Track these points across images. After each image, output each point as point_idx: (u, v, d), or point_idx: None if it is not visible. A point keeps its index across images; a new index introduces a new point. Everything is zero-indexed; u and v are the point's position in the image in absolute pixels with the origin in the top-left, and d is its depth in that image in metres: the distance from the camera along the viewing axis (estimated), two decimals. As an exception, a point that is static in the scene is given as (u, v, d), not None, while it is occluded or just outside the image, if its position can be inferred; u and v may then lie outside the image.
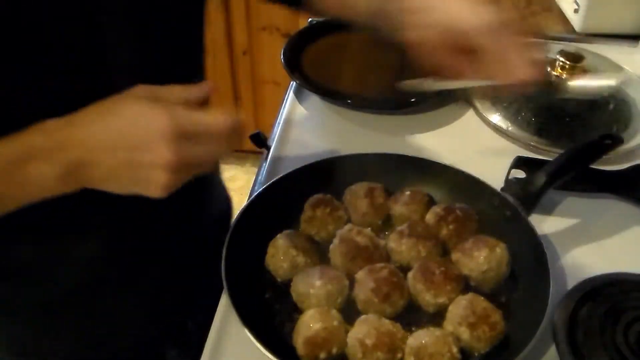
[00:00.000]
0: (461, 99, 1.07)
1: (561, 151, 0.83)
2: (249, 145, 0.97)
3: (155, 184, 0.53)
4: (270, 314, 0.70)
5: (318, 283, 0.69)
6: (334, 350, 0.64)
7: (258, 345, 0.62)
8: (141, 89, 0.55)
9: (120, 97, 0.55)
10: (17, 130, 0.54)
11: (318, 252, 0.76)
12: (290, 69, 1.08)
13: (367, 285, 0.69)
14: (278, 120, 1.04)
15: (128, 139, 0.53)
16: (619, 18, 1.23)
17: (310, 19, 1.26)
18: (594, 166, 0.85)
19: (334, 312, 0.67)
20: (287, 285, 0.73)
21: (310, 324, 0.65)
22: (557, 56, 1.05)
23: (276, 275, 0.74)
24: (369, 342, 0.63)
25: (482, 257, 0.71)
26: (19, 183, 0.54)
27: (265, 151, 0.98)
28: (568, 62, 1.04)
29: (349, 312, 0.69)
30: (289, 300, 0.71)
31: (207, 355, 0.70)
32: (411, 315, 0.70)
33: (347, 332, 0.66)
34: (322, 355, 0.64)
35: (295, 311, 0.70)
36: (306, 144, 0.99)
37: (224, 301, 0.73)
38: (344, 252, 0.73)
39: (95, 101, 0.55)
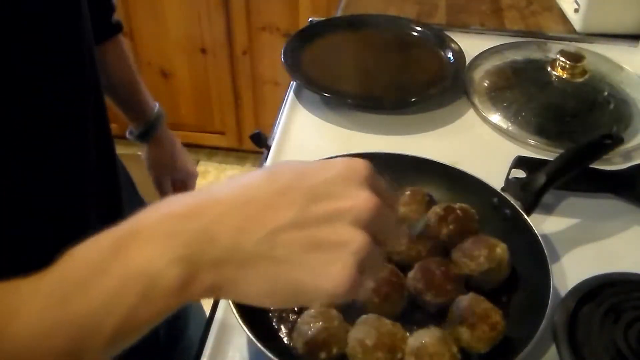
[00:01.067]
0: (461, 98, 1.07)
1: (561, 151, 0.83)
2: (249, 145, 0.97)
3: (344, 256, 0.37)
4: (270, 314, 0.70)
5: None
6: (335, 351, 0.64)
7: (258, 345, 0.62)
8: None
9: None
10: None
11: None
12: (290, 69, 1.08)
13: (367, 285, 0.69)
14: (278, 120, 1.04)
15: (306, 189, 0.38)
16: (619, 18, 1.23)
17: (310, 19, 1.26)
18: (594, 166, 0.85)
19: (334, 312, 0.67)
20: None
21: (311, 324, 0.65)
22: (557, 56, 1.05)
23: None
24: (369, 342, 0.63)
25: (482, 257, 0.71)
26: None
27: (265, 151, 0.98)
28: (568, 62, 1.04)
29: (349, 312, 0.69)
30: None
31: (207, 355, 0.70)
32: (411, 315, 0.70)
33: (347, 332, 0.66)
34: (323, 355, 0.64)
35: (295, 311, 0.70)
36: (306, 144, 0.99)
37: (224, 301, 0.73)
38: (344, 252, 0.73)
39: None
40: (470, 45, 1.16)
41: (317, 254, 0.37)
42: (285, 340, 0.68)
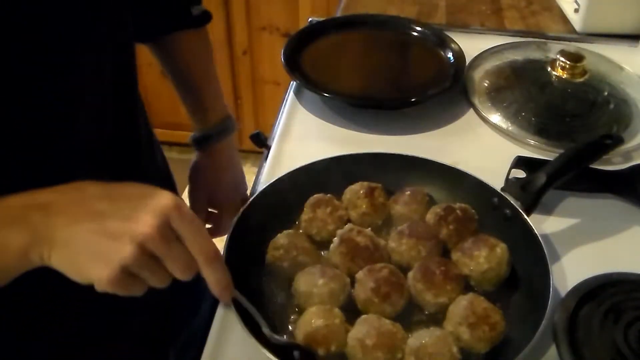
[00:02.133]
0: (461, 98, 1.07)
1: (561, 151, 0.83)
2: (249, 145, 0.97)
3: (112, 259, 0.47)
4: (270, 314, 0.70)
5: (320, 282, 0.69)
6: (333, 348, 0.64)
7: (258, 345, 0.61)
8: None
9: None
10: None
11: (318, 252, 0.76)
12: (290, 69, 1.08)
13: (367, 285, 0.69)
14: (278, 120, 1.04)
15: (109, 189, 0.49)
16: (619, 18, 1.23)
17: (310, 19, 1.26)
18: (594, 166, 0.85)
19: (337, 310, 0.67)
20: (287, 285, 0.73)
21: (312, 320, 0.65)
22: (557, 56, 1.05)
23: (276, 275, 0.74)
24: (369, 342, 0.63)
25: (482, 257, 0.71)
26: None
27: (265, 151, 0.98)
28: (568, 62, 1.04)
29: (350, 311, 0.69)
30: (289, 301, 0.71)
31: (207, 355, 0.70)
32: (411, 315, 0.70)
33: (347, 331, 0.66)
34: (321, 351, 0.64)
35: (295, 311, 0.70)
36: (306, 144, 0.99)
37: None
38: (344, 252, 0.73)
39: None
40: (470, 45, 1.16)
41: (96, 247, 0.48)
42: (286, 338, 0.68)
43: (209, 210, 1.03)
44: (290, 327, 0.69)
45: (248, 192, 0.89)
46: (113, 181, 0.52)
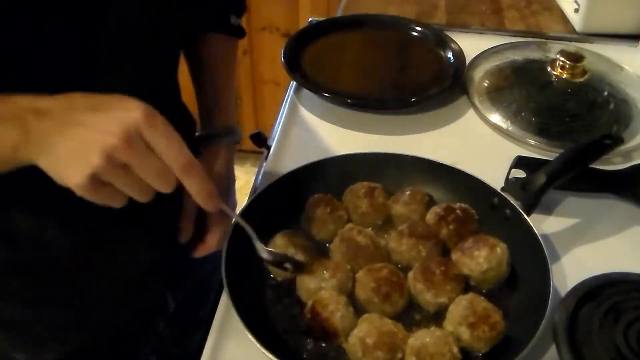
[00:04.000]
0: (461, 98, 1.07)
1: (561, 151, 0.83)
2: (249, 145, 0.97)
3: (82, 166, 0.51)
4: (270, 314, 0.70)
5: (327, 275, 0.69)
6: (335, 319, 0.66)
7: (258, 345, 0.62)
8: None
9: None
10: None
11: (317, 251, 0.76)
12: (290, 69, 1.08)
13: (367, 284, 0.69)
14: (278, 120, 1.04)
15: (93, 101, 0.52)
16: (619, 18, 1.23)
17: (310, 19, 1.26)
18: (594, 166, 0.85)
19: (344, 298, 0.69)
20: (287, 285, 0.73)
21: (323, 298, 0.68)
22: (557, 56, 1.05)
23: (276, 274, 0.74)
24: (369, 341, 0.63)
25: (482, 257, 0.71)
26: None
27: (265, 151, 0.98)
28: (568, 62, 1.04)
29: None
30: (289, 300, 0.71)
31: (207, 355, 0.70)
32: (411, 315, 0.70)
33: (351, 316, 0.67)
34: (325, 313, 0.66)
35: (295, 310, 0.70)
36: (306, 144, 0.99)
37: (224, 301, 0.73)
38: (344, 251, 0.74)
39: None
40: (470, 45, 1.16)
41: (71, 155, 0.51)
42: (285, 340, 0.68)
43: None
44: (290, 328, 0.69)
45: (248, 193, 0.89)
46: None
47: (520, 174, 0.85)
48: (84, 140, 0.51)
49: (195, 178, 0.56)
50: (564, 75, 1.05)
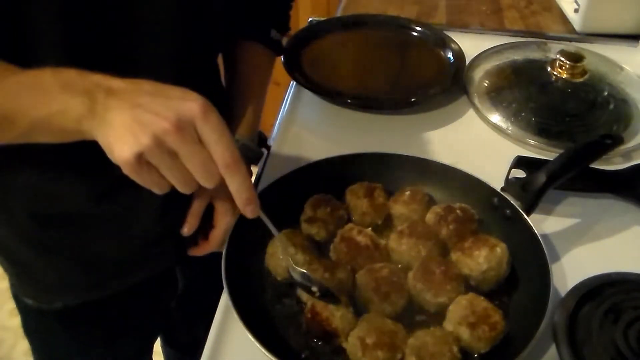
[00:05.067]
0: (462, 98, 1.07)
1: (561, 151, 0.83)
2: (249, 145, 0.97)
3: (131, 144, 0.52)
4: (270, 314, 0.70)
5: (327, 275, 0.69)
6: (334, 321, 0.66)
7: (258, 345, 0.62)
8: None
9: None
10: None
11: (317, 251, 0.76)
12: (290, 69, 1.08)
13: (367, 284, 0.69)
14: (278, 120, 1.04)
15: (158, 88, 0.55)
16: (619, 18, 1.23)
17: (310, 19, 1.26)
18: (594, 166, 0.85)
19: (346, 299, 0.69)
20: (287, 284, 0.73)
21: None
22: (557, 56, 1.05)
23: (276, 274, 0.74)
24: (369, 340, 0.63)
25: (482, 257, 0.71)
26: (41, 102, 0.56)
27: (265, 151, 0.98)
28: (568, 62, 1.04)
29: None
30: (289, 301, 0.71)
31: (207, 355, 0.70)
32: (411, 315, 0.70)
33: (353, 323, 0.67)
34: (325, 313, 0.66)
35: (295, 310, 0.70)
36: (306, 144, 0.99)
37: (224, 301, 0.73)
38: (344, 251, 0.74)
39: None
40: (470, 45, 1.16)
41: (124, 132, 0.53)
42: (285, 340, 0.68)
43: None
44: (290, 327, 0.69)
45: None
46: None
47: (520, 174, 0.85)
48: (138, 120, 0.53)
49: (238, 178, 0.57)
50: (564, 75, 1.05)
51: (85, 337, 0.91)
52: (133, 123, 0.53)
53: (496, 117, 1.02)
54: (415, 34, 1.21)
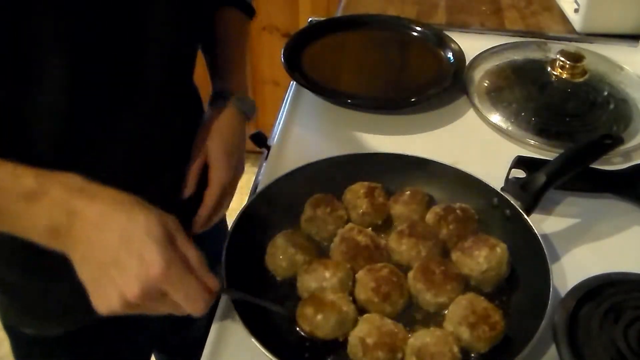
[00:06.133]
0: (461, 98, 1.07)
1: (561, 151, 0.83)
2: (249, 145, 0.97)
3: (105, 301, 0.56)
4: (270, 314, 0.70)
5: (328, 274, 0.69)
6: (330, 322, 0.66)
7: (258, 345, 0.62)
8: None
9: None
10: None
11: (317, 251, 0.76)
12: (290, 69, 1.08)
13: (367, 284, 0.69)
14: (278, 120, 1.04)
15: (120, 248, 0.56)
16: (619, 18, 1.23)
17: (310, 19, 1.26)
18: (594, 166, 0.85)
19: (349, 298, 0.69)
20: (287, 284, 0.73)
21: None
22: (557, 56, 1.05)
23: (276, 274, 0.74)
24: (369, 341, 0.63)
25: (482, 257, 0.71)
26: (15, 212, 0.59)
27: (265, 151, 0.98)
28: (568, 62, 1.04)
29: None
30: (288, 300, 0.71)
31: (207, 356, 0.70)
32: (411, 315, 0.70)
33: (354, 322, 0.66)
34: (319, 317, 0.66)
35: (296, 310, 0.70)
36: (306, 144, 0.99)
37: (224, 301, 0.73)
38: (344, 251, 0.74)
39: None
40: (470, 45, 1.16)
41: (97, 286, 0.57)
42: (285, 340, 0.68)
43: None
44: (290, 327, 0.69)
45: (248, 193, 0.89)
46: None
47: (520, 174, 0.85)
48: (105, 284, 0.56)
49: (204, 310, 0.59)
50: (564, 75, 1.05)
51: (87, 357, 0.91)
52: (101, 288, 0.57)
53: (496, 117, 1.02)
54: (415, 34, 1.21)
